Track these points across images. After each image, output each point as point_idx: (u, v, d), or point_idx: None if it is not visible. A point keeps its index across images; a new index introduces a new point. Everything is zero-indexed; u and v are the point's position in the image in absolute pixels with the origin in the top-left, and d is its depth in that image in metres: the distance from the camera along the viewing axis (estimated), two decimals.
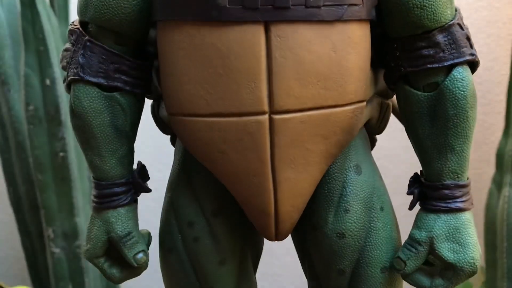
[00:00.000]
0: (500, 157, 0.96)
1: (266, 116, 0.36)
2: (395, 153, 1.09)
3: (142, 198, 0.50)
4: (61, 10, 0.99)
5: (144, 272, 0.45)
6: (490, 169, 1.03)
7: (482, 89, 1.05)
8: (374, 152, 0.46)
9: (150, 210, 0.95)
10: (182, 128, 0.39)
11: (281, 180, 0.38)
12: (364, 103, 0.39)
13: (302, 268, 0.46)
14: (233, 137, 0.37)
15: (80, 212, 0.97)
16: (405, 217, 0.51)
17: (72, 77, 0.40)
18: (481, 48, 1.04)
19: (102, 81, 0.39)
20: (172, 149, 0.46)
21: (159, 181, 0.63)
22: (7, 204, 1.07)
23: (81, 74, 0.39)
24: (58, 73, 0.93)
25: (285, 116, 0.36)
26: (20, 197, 1.02)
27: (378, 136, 0.49)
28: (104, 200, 0.42)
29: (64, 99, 0.93)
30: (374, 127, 0.45)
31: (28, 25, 0.90)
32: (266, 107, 0.36)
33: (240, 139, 0.37)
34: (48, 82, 0.92)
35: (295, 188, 0.39)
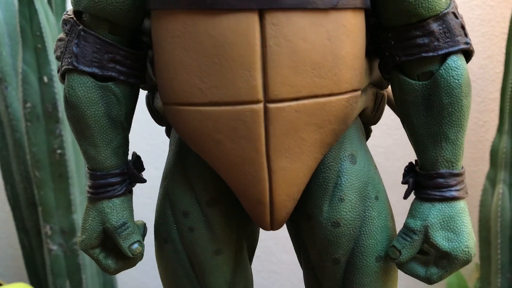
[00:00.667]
0: (494, 154, 0.96)
1: (261, 104, 0.36)
2: (390, 151, 1.09)
3: (139, 195, 0.50)
4: (59, 8, 0.99)
5: (141, 268, 0.45)
6: (484, 167, 1.04)
7: (477, 87, 1.05)
8: (369, 149, 0.45)
9: (146, 207, 0.95)
10: (176, 117, 0.39)
11: (276, 169, 0.38)
12: (359, 92, 0.39)
13: (298, 259, 0.46)
14: (228, 126, 0.37)
15: (78, 209, 0.97)
16: (401, 214, 0.51)
17: (66, 67, 0.39)
18: (475, 46, 1.04)
19: (96, 70, 0.39)
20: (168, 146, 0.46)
21: (156, 179, 0.63)
22: (5, 201, 1.07)
23: (75, 63, 0.39)
24: (56, 70, 0.93)
25: (280, 104, 0.36)
26: (17, 194, 1.02)
27: (373, 134, 0.49)
28: (99, 190, 0.42)
29: (61, 96, 0.93)
30: (369, 117, 0.45)
31: (26, 22, 0.90)
32: (261, 96, 0.36)
33: (235, 128, 0.37)
34: (45, 79, 0.92)
35: (290, 177, 0.39)
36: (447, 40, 0.38)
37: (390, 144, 1.08)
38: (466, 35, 0.38)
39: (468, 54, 0.39)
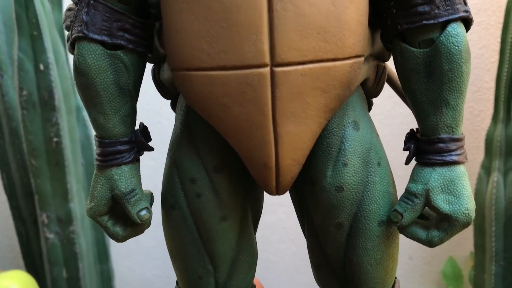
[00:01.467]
0: (489, 142, 0.97)
1: (268, 68, 0.37)
2: (386, 140, 1.10)
3: None
4: None
5: (138, 259, 0.46)
6: (480, 156, 1.05)
7: (472, 76, 1.07)
8: None
9: None
10: (185, 83, 0.39)
11: (282, 133, 0.39)
12: (362, 58, 0.40)
13: (301, 226, 0.47)
14: (235, 90, 0.38)
15: (74, 197, 0.97)
16: None
17: (76, 35, 0.40)
18: (471, 36, 1.06)
19: (105, 38, 0.40)
20: (165, 138, 0.47)
21: (153, 169, 0.64)
22: (1, 190, 1.07)
23: (85, 31, 0.40)
24: (52, 58, 0.93)
25: (286, 68, 0.37)
26: (14, 183, 1.02)
27: None
28: (108, 158, 0.42)
29: (57, 84, 0.94)
30: (370, 90, 0.46)
31: (22, 10, 0.90)
32: (267, 60, 0.37)
33: (242, 92, 0.38)
34: (41, 67, 0.92)
35: (295, 141, 0.40)
36: (447, 8, 0.39)
37: (386, 134, 1.09)
38: (465, 3, 0.39)
39: (467, 22, 0.40)
